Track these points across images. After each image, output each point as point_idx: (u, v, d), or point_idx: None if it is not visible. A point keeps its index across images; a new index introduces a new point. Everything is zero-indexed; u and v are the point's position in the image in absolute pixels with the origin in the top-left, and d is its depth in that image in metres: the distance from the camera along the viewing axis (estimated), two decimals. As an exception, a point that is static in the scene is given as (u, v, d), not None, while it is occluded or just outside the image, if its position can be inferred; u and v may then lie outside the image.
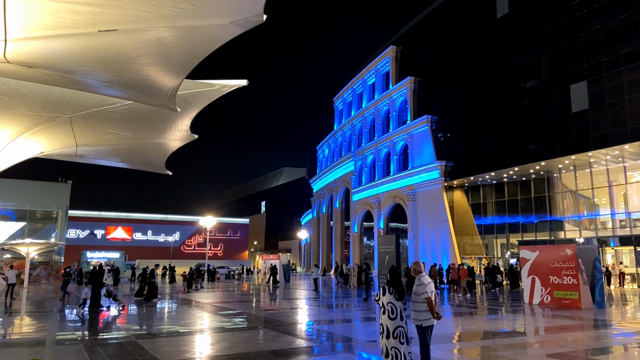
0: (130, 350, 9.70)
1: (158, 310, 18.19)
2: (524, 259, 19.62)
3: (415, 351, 7.31)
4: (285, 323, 13.81)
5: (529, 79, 36.05)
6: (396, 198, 48.74)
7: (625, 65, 29.24)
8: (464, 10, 42.78)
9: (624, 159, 32.13)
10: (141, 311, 17.77)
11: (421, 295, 6.97)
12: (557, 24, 33.63)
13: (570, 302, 17.36)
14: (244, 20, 3.11)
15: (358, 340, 10.86)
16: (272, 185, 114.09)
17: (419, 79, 47.47)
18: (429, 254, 42.44)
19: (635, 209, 32.79)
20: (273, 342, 10.67)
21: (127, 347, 10.20)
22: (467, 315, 16.60)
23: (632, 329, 12.87)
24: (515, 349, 9.82)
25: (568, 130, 32.45)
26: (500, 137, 37.76)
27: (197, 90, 5.30)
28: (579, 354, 9.49)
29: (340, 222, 62.47)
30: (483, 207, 42.06)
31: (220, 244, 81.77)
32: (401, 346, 6.50)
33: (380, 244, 36.03)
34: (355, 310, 18.22)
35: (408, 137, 47.03)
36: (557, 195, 36.69)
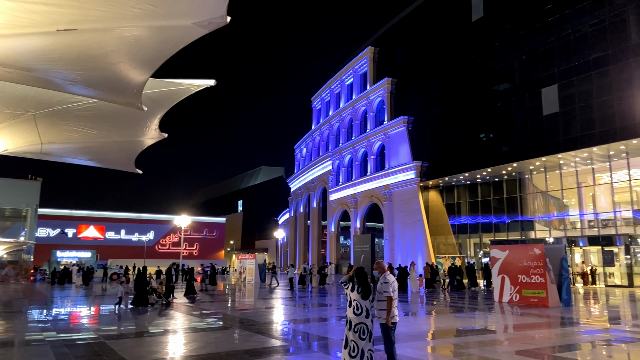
0: (98, 351, 9.56)
1: (129, 311, 17.93)
2: (495, 258, 20.04)
3: (382, 349, 7.42)
4: (259, 323, 13.79)
5: (502, 82, 36.79)
6: (373, 198, 49.10)
7: (594, 70, 30.10)
8: (440, 13, 43.37)
9: (592, 161, 33.10)
10: (113, 312, 17.48)
11: (384, 294, 7.09)
12: (530, 29, 34.40)
13: (538, 301, 17.82)
14: (207, 22, 3.12)
15: (333, 340, 10.91)
16: (249, 184, 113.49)
17: (396, 80, 47.94)
18: (404, 254, 42.91)
19: (602, 210, 33.81)
20: (246, 342, 10.65)
21: (95, 347, 10.04)
22: (436, 314, 16.86)
23: (596, 327, 13.29)
24: (485, 347, 10.02)
25: (539, 132, 33.24)
26: (475, 139, 38.44)
27: (165, 89, 5.26)
28: (546, 351, 9.76)
29: (318, 221, 62.61)
30: (457, 207, 42.76)
31: (195, 243, 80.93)
32: (361, 342, 6.64)
33: (356, 244, 36.36)
34: (332, 309, 18.30)
35: (385, 138, 47.44)
36: (528, 195, 37.56)
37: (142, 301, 18.76)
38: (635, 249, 30.25)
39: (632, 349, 10.13)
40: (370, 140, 49.81)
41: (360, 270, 7.19)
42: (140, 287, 18.96)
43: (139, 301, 18.74)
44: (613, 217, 32.93)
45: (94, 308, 19.26)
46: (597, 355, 9.58)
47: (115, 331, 12.63)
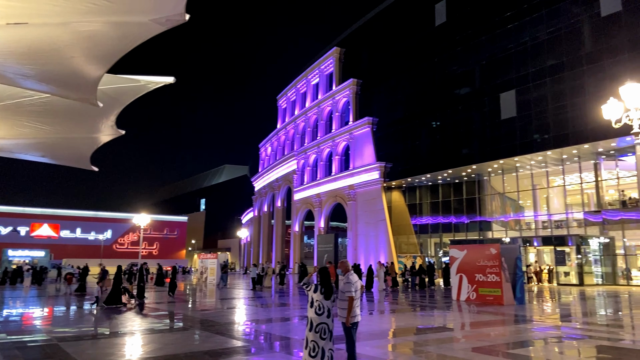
0: (50, 354, 9.21)
1: (86, 312, 17.38)
2: (453, 258, 20.57)
3: (343, 348, 7.50)
4: (220, 323, 13.63)
5: (463, 86, 37.77)
6: (337, 197, 49.40)
7: (549, 77, 31.35)
8: (405, 17, 44.09)
9: (546, 164, 34.45)
10: (68, 313, 16.90)
11: (346, 294, 7.16)
12: (490, 35, 35.46)
13: (494, 299, 18.41)
14: (165, 19, 3.07)
15: (295, 340, 10.91)
16: (212, 182, 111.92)
17: (362, 81, 48.42)
18: (367, 253, 43.40)
19: (555, 211, 35.25)
20: (206, 343, 10.51)
21: (47, 350, 9.67)
22: (397, 312, 17.14)
23: (548, 324, 13.84)
24: (442, 344, 10.26)
25: (497, 136, 34.33)
26: (436, 141, 39.30)
27: (122, 85, 5.14)
28: (500, 347, 10.09)
29: (282, 221, 62.46)
30: (419, 208, 43.62)
31: (155, 242, 79.11)
32: (321, 341, 6.69)
33: (320, 243, 36.55)
34: (294, 309, 18.29)
35: (350, 138, 47.82)
36: (486, 197, 38.73)
37: (115, 301, 18.50)
38: (585, 249, 31.67)
39: (582, 345, 10.61)
40: (336, 141, 50.10)
41: (324, 270, 7.23)
42: (114, 287, 18.71)
43: (112, 301, 18.44)
44: (565, 218, 34.40)
45: (47, 309, 18.53)
46: (549, 351, 9.97)
47: (70, 333, 12.21)
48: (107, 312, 16.73)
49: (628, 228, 30.79)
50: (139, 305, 18.95)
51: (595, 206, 32.65)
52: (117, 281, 18.87)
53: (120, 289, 18.97)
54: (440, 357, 8.92)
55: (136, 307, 18.19)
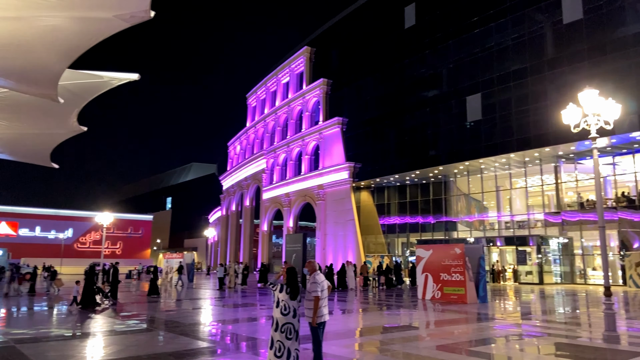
0: (6, 356, 8.86)
1: (45, 313, 16.80)
2: (419, 257, 20.92)
3: (309, 348, 7.51)
4: (184, 324, 13.42)
5: (431, 89, 38.42)
6: (306, 197, 49.41)
7: (513, 81, 32.26)
8: (375, 18, 44.49)
9: (510, 167, 35.45)
10: (25, 314, 16.28)
11: (312, 294, 7.20)
12: (457, 39, 36.21)
13: (458, 298, 18.83)
14: (129, 15, 3.00)
15: (262, 340, 10.85)
16: (179, 180, 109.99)
17: (332, 81, 48.56)
18: (335, 253, 43.57)
19: (518, 212, 36.30)
20: (169, 344, 10.33)
21: (2, 352, 9.30)
22: (364, 311, 17.31)
23: (509, 322, 14.25)
24: (408, 343, 10.42)
25: (463, 138, 35.09)
26: (405, 142, 39.83)
27: (84, 81, 4.98)
28: (463, 345, 10.33)
29: (250, 220, 61.97)
30: (387, 208, 44.13)
31: (119, 241, 77.06)
32: (287, 341, 6.71)
33: (288, 243, 36.41)
34: (261, 309, 18.19)
35: (320, 138, 47.90)
36: (452, 197, 39.55)
37: (89, 301, 18.18)
38: (545, 249, 32.76)
39: (542, 342, 10.97)
40: (305, 140, 50.09)
41: (291, 270, 7.24)
42: (87, 287, 18.35)
43: (85, 301, 18.10)
44: (527, 219, 35.48)
45: (3, 310, 17.80)
46: (510, 349, 10.27)
47: (28, 334, 11.77)
48: (75, 313, 16.28)
49: (586, 229, 32.01)
50: (113, 306, 18.67)
51: (555, 207, 33.82)
52: (89, 281, 18.56)
53: (93, 289, 18.65)
54: (406, 355, 9.06)
55: (110, 308, 17.89)
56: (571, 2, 29.68)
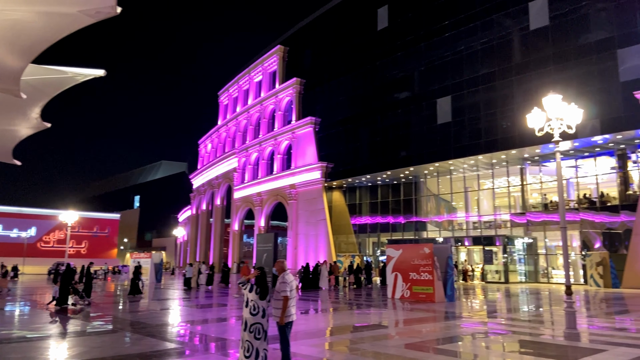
0: (-38, 362, 8.51)
1: (7, 314, 16.19)
2: (390, 257, 21.15)
3: (278, 347, 7.51)
4: (152, 325, 13.17)
5: (403, 90, 38.90)
6: (278, 197, 49.26)
7: (482, 85, 33.00)
8: (348, 19, 44.73)
9: (478, 168, 36.24)
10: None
11: (281, 293, 7.23)
12: (429, 42, 36.78)
13: (426, 296, 19.13)
14: (94, 11, 2.92)
15: (231, 340, 10.75)
16: (148, 179, 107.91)
17: (305, 80, 48.55)
18: (307, 252, 43.60)
19: (485, 213, 37.16)
20: (135, 346, 10.12)
21: (-43, 358, 8.92)
22: (334, 311, 17.38)
23: (475, 320, 14.57)
24: (377, 341, 10.51)
25: (433, 139, 35.67)
26: (377, 143, 40.19)
27: (48, 77, 4.83)
28: (431, 343, 10.51)
29: (221, 219, 61.34)
30: (358, 208, 44.46)
31: (84, 241, 75.03)
32: (256, 341, 6.73)
33: (259, 242, 36.20)
34: (231, 309, 18.03)
35: (292, 137, 47.83)
36: (422, 198, 40.16)
37: (64, 301, 18.02)
38: (511, 249, 33.65)
39: (506, 340, 11.26)
40: (278, 139, 49.93)
41: (261, 270, 7.26)
42: (63, 287, 18.22)
43: (61, 301, 17.95)
44: (494, 219, 36.36)
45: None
46: (476, 346, 10.50)
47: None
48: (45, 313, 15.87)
49: (549, 229, 33.04)
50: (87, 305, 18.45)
51: (521, 208, 34.78)
52: (66, 281, 18.44)
53: (69, 289, 18.51)
54: (375, 354, 9.14)
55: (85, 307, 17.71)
56: (538, 9, 30.56)
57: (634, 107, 25.58)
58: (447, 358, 8.85)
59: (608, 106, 26.98)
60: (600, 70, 27.74)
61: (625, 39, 26.92)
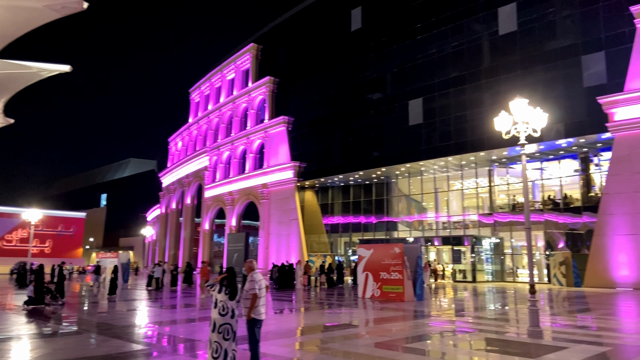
0: None
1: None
2: (361, 257, 21.32)
3: (247, 348, 7.48)
4: (118, 326, 12.88)
5: (375, 92, 39.23)
6: (250, 196, 48.92)
7: (453, 88, 33.60)
8: (322, 19, 44.77)
9: (448, 169, 36.90)
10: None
11: (249, 292, 7.27)
12: (401, 44, 37.20)
13: (396, 296, 19.37)
14: (60, 6, 2.84)
15: (200, 341, 10.61)
16: (115, 176, 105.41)
17: (278, 79, 48.35)
18: (279, 252, 43.44)
19: (454, 213, 37.87)
20: (100, 347, 9.88)
21: None
22: (305, 310, 17.40)
23: (443, 319, 14.85)
24: (347, 341, 10.57)
25: (405, 141, 36.12)
26: (349, 143, 40.41)
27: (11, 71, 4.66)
28: (400, 342, 10.64)
29: (191, 218, 60.48)
30: (331, 208, 44.61)
31: (48, 240, 72.78)
32: (224, 342, 6.71)
33: (230, 242, 35.94)
34: (200, 310, 17.81)
35: (265, 137, 47.59)
36: (393, 198, 40.63)
37: (38, 301, 17.84)
38: (478, 249, 34.40)
39: (473, 338, 11.52)
40: (250, 138, 49.59)
41: (231, 270, 7.25)
42: (37, 287, 18.08)
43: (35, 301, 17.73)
44: (462, 219, 37.10)
45: None
46: (444, 345, 10.68)
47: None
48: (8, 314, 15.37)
49: (515, 230, 33.92)
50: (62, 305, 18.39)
51: (488, 209, 35.59)
52: (39, 281, 18.25)
53: (43, 289, 18.28)
54: (345, 353, 9.20)
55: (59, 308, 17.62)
56: (507, 14, 31.33)
57: (596, 112, 26.53)
58: (415, 356, 8.98)
59: (572, 111, 27.90)
60: (565, 76, 28.65)
61: (589, 45, 27.88)
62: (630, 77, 25.68)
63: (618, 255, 25.54)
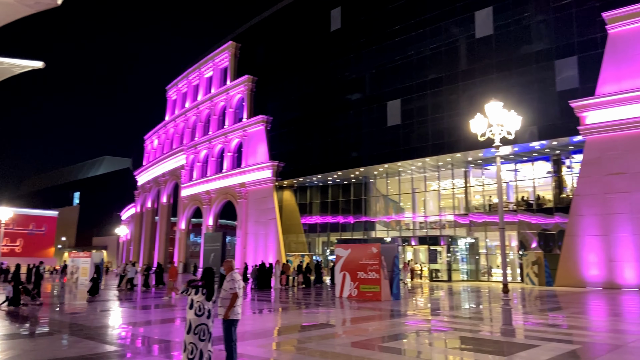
0: None
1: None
2: (339, 256, 21.38)
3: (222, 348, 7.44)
4: (90, 327, 12.62)
5: (354, 92, 39.39)
6: (228, 195, 48.55)
7: (430, 89, 33.99)
8: (302, 19, 44.72)
9: (425, 170, 37.31)
10: None
11: (229, 291, 7.26)
12: (380, 45, 37.45)
13: (373, 295, 19.50)
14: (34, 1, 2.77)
15: (175, 342, 10.48)
16: (89, 174, 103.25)
17: (257, 78, 48.09)
18: (256, 252, 43.22)
19: (431, 214, 38.32)
20: (72, 349, 9.66)
21: None
22: (283, 310, 17.37)
23: (419, 318, 15.02)
24: (324, 340, 10.59)
25: (383, 141, 36.37)
26: (328, 143, 40.47)
27: (-20, 66, 4.51)
28: (376, 341, 10.72)
29: (167, 218, 59.63)
30: (309, 207, 44.60)
31: (19, 239, 70.84)
32: (200, 343, 6.67)
33: (207, 242, 35.57)
34: (176, 310, 17.58)
35: (243, 135, 47.28)
36: (371, 198, 40.88)
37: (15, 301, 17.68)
38: (454, 248, 34.89)
39: (448, 336, 11.68)
40: (228, 137, 49.20)
41: (209, 270, 7.23)
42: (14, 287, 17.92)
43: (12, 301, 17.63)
44: (439, 219, 37.57)
45: None
46: (420, 344, 10.80)
47: None
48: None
49: (490, 230, 34.53)
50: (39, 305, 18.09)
51: (464, 209, 36.14)
52: (16, 281, 18.00)
53: (19, 289, 18.02)
54: (322, 353, 9.21)
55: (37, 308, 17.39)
56: (483, 18, 31.86)
57: (569, 115, 27.21)
58: (391, 355, 9.05)
59: (545, 114, 28.55)
60: (539, 80, 29.29)
61: (562, 50, 28.58)
62: (602, 82, 26.42)
63: (588, 255, 26.24)
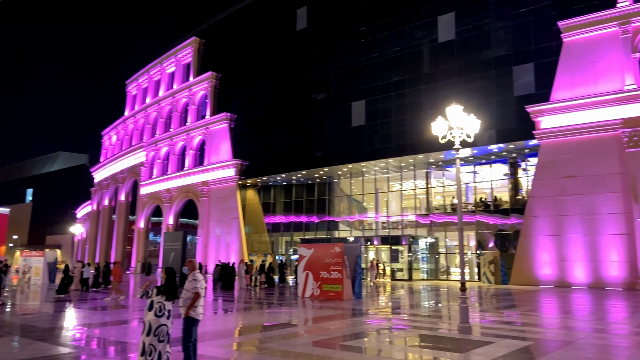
0: None
1: None
2: (302, 256, 21.36)
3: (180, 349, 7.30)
4: (43, 328, 12.11)
5: (319, 92, 39.50)
6: (189, 194, 47.67)
7: (394, 91, 34.49)
8: (267, 16, 44.44)
9: (388, 170, 37.83)
10: None
11: (192, 290, 7.19)
12: (345, 46, 37.71)
13: (335, 294, 19.60)
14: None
15: (132, 344, 10.18)
16: (43, 171, 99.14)
17: (221, 75, 47.43)
18: (218, 251, 42.64)
19: (393, 214, 38.89)
20: (23, 351, 9.23)
21: None
22: (245, 310, 17.20)
23: (380, 317, 15.20)
24: (285, 340, 10.56)
25: (348, 141, 36.64)
26: (293, 142, 40.40)
27: None
28: (338, 340, 10.77)
29: (125, 216, 57.90)
30: (272, 207, 44.37)
31: (-34, 237, 67.25)
32: (159, 344, 6.54)
33: (167, 241, 34.61)
34: (133, 311, 17.11)
35: (206, 133, 46.54)
36: (335, 198, 41.09)
37: None
38: (415, 248, 35.53)
39: (408, 334, 11.87)
40: (190, 134, 48.31)
41: (170, 270, 7.11)
42: None
43: None
44: (401, 219, 38.17)
45: None
46: (380, 342, 10.93)
47: None
48: None
49: (450, 230, 35.37)
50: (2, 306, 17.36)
51: (425, 210, 36.87)
52: None
53: None
54: (283, 353, 9.18)
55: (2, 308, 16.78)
56: (446, 23, 32.61)
57: (525, 119, 28.22)
58: (352, 354, 9.12)
59: (503, 118, 29.51)
60: (498, 85, 30.25)
61: (520, 57, 29.61)
62: (556, 88, 27.55)
63: (541, 255, 27.29)
